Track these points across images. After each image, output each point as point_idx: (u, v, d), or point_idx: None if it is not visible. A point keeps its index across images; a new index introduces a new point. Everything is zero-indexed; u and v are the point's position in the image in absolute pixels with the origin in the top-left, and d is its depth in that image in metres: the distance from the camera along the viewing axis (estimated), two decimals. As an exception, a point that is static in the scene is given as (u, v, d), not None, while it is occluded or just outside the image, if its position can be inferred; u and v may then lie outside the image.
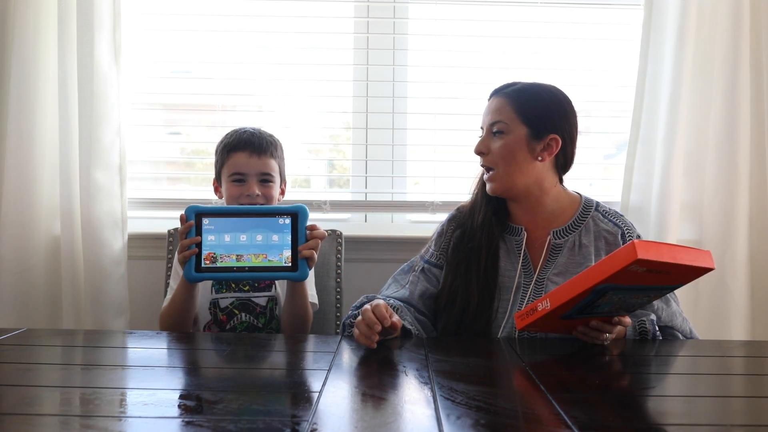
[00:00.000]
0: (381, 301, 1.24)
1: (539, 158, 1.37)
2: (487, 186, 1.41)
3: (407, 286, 1.44)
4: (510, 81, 1.44)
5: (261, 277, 1.41)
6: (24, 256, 1.84)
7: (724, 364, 1.20)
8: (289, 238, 1.34)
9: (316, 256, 1.35)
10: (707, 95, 1.88)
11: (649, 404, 0.94)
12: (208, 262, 1.33)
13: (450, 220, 1.50)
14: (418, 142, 2.10)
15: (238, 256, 1.33)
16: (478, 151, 1.41)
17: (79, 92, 1.82)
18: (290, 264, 1.34)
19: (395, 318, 1.23)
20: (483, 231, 1.41)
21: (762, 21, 1.86)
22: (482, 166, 1.42)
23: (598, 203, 1.44)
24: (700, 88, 1.88)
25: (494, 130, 1.39)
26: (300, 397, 0.92)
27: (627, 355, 1.21)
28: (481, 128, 1.43)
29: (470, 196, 1.49)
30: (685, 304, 1.87)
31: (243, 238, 1.34)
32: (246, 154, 1.54)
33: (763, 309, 1.90)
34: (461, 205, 1.51)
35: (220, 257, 1.33)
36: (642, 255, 1.00)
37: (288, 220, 1.34)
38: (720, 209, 1.87)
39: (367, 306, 1.21)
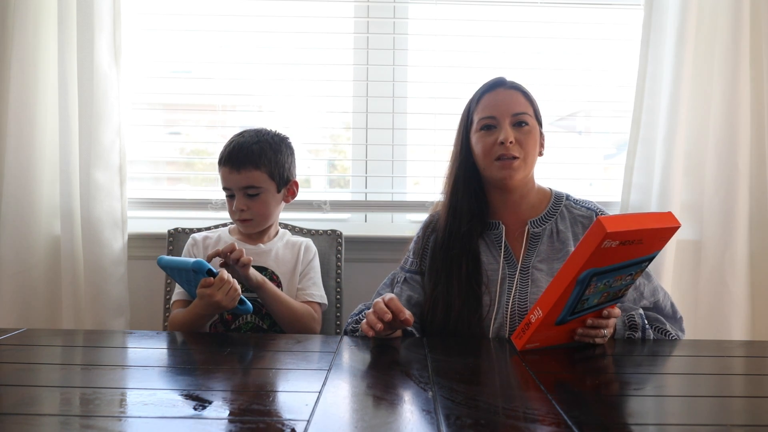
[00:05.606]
0: (394, 295, 1.24)
1: (540, 153, 1.45)
2: (508, 174, 1.36)
3: None
4: (498, 76, 1.44)
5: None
6: (24, 256, 1.85)
7: (724, 364, 1.20)
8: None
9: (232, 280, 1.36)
10: (707, 95, 1.88)
11: (649, 404, 0.94)
12: None
13: (425, 226, 1.50)
14: (418, 142, 2.10)
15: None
16: (509, 140, 1.35)
17: (79, 92, 1.83)
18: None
19: (408, 314, 1.21)
20: (465, 237, 1.40)
21: (762, 21, 1.86)
22: (504, 155, 1.36)
23: (568, 194, 1.48)
24: (700, 88, 1.88)
25: (521, 120, 1.38)
26: (300, 397, 0.92)
27: (626, 355, 1.21)
28: (491, 117, 1.38)
29: (442, 196, 1.47)
30: (685, 304, 1.88)
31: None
32: (227, 170, 1.53)
33: (763, 309, 1.90)
34: (435, 210, 1.50)
35: None
36: (610, 228, 1.02)
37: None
38: (720, 209, 1.87)
39: (379, 299, 1.22)
